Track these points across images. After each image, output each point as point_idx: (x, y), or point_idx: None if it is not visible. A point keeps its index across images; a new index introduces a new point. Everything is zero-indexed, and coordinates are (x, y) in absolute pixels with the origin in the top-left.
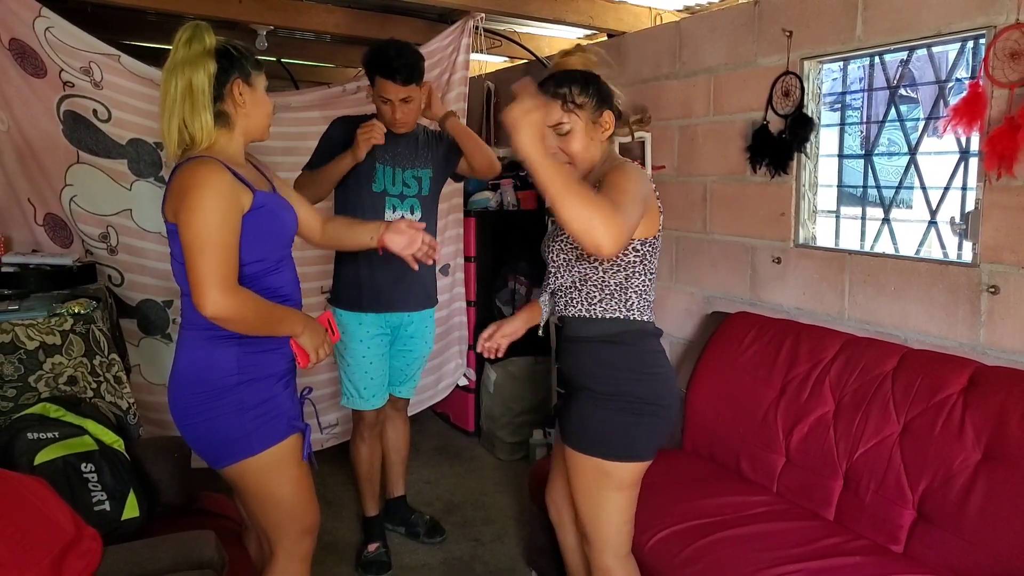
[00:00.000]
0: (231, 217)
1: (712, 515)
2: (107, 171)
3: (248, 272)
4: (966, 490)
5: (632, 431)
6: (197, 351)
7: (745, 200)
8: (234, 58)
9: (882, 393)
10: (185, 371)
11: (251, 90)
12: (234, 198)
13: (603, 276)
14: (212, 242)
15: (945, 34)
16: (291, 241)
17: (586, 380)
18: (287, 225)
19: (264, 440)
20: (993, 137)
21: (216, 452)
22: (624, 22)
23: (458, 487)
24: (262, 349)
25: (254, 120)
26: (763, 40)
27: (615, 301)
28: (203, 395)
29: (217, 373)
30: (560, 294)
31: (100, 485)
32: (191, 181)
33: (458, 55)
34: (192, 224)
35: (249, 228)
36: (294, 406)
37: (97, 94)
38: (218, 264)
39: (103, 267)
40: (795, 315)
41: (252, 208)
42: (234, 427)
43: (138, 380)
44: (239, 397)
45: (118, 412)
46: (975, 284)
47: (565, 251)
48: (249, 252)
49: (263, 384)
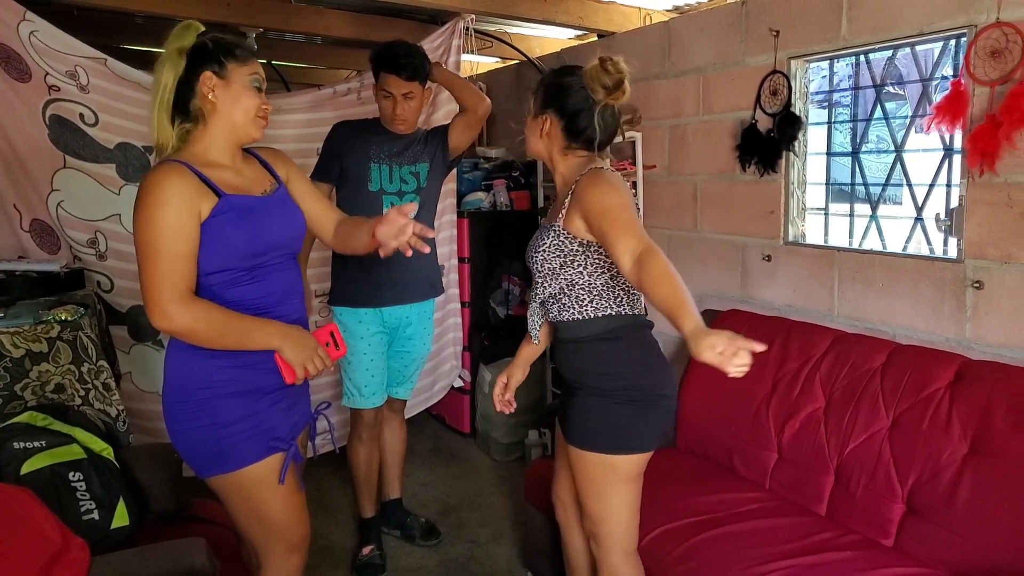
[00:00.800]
0: (182, 224)
1: (705, 512)
2: (95, 176)
3: (207, 283)
4: (954, 484)
5: (635, 423)
6: (175, 362)
7: (735, 198)
8: (207, 51)
9: (871, 388)
10: (167, 380)
11: (224, 83)
12: (187, 204)
13: (589, 280)
14: (159, 251)
15: (927, 33)
16: (275, 247)
17: (586, 378)
18: (271, 230)
19: (239, 459)
20: (975, 134)
21: (199, 463)
22: (614, 22)
23: (454, 489)
24: (240, 364)
25: (229, 116)
26: (751, 40)
27: (605, 299)
28: (182, 405)
29: (190, 386)
30: (551, 301)
31: (88, 494)
32: (143, 188)
33: (449, 56)
34: (139, 233)
35: (208, 236)
36: (283, 424)
37: (83, 98)
38: (167, 274)
39: (92, 273)
40: (785, 312)
41: (213, 213)
42: (207, 442)
43: (129, 387)
44: (211, 412)
45: (107, 419)
46: (960, 279)
47: (550, 260)
48: (208, 261)
49: (242, 400)
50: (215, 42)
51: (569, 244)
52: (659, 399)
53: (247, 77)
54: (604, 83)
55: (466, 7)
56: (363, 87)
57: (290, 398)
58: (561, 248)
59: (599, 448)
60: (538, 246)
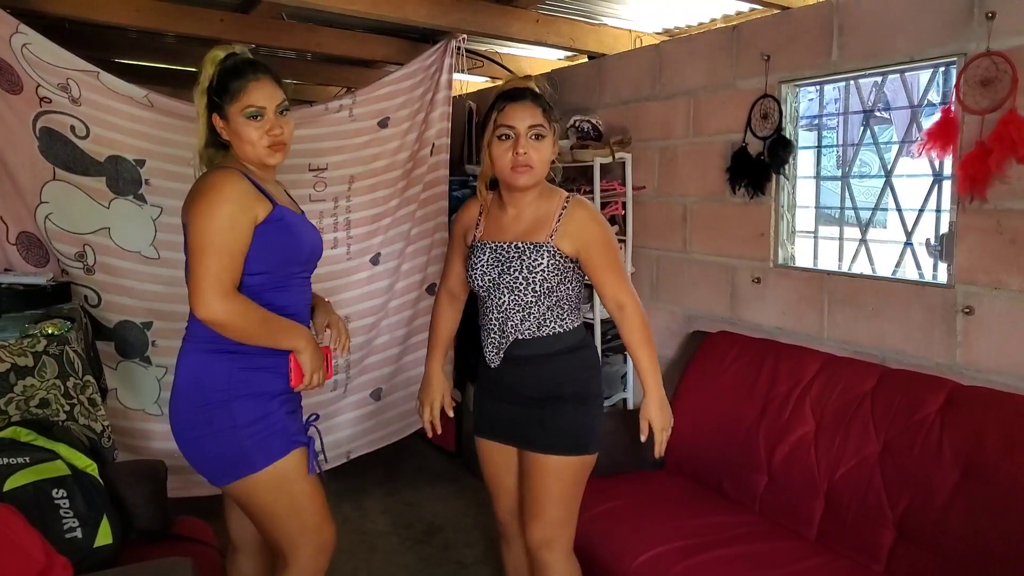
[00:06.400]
0: (239, 223)
1: (695, 536)
2: (84, 188)
3: (249, 283)
4: (945, 509)
5: (600, 420)
6: (192, 363)
7: (725, 220)
8: (213, 91)
9: (862, 412)
10: (181, 384)
11: (225, 123)
12: (247, 205)
13: (571, 293)
14: (215, 245)
15: (918, 60)
16: (308, 263)
17: (563, 387)
18: (305, 244)
19: (265, 457)
20: (965, 161)
21: (216, 468)
22: (604, 44)
23: (440, 509)
24: (256, 366)
25: (238, 151)
26: (742, 64)
27: (578, 311)
28: (199, 409)
29: (208, 388)
30: (532, 320)
31: (72, 511)
32: (205, 185)
33: (441, 75)
34: (198, 226)
35: (259, 239)
36: (294, 423)
37: (75, 110)
38: (219, 267)
39: (79, 287)
40: (775, 335)
41: (267, 220)
42: (230, 443)
43: (114, 404)
44: (229, 414)
45: (92, 435)
46: (951, 305)
47: (549, 279)
48: (254, 262)
49: (255, 402)
50: (218, 79)
51: (563, 262)
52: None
53: (240, 113)
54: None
55: (459, 26)
56: (355, 104)
57: (293, 403)
58: (558, 266)
59: (585, 450)
60: (533, 266)
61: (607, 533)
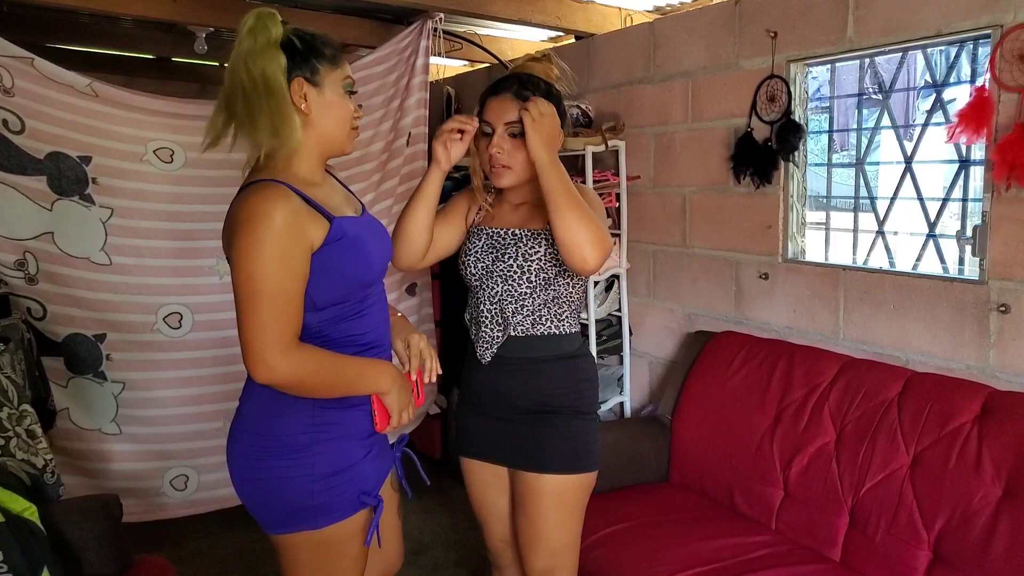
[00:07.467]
0: (294, 258)
1: (711, 560)
2: (23, 189)
3: (314, 321)
4: (988, 530)
5: (598, 436)
6: (269, 399)
7: (728, 212)
8: (296, 51)
9: (888, 421)
10: (250, 415)
11: (316, 91)
12: (300, 233)
13: (570, 291)
14: (264, 293)
15: (946, 34)
16: (381, 274)
17: (563, 399)
18: (374, 256)
19: (330, 515)
20: (1003, 145)
21: (274, 517)
22: (593, 23)
23: (427, 525)
24: (346, 404)
25: (322, 129)
26: (745, 41)
27: (576, 314)
28: (267, 449)
29: (287, 427)
30: (526, 313)
31: (6, 566)
32: (248, 211)
33: (416, 58)
34: (243, 267)
35: (322, 266)
36: (374, 475)
37: (7, 102)
38: (273, 319)
39: (19, 299)
40: (785, 334)
41: (326, 242)
42: (299, 494)
43: (67, 425)
44: (310, 460)
45: (32, 471)
46: (983, 302)
47: (546, 269)
48: (322, 295)
49: (341, 447)
50: (302, 39)
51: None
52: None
53: (341, 82)
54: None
55: (435, 5)
56: None
57: (377, 444)
58: (556, 256)
59: (584, 467)
60: (529, 253)
61: (614, 560)
